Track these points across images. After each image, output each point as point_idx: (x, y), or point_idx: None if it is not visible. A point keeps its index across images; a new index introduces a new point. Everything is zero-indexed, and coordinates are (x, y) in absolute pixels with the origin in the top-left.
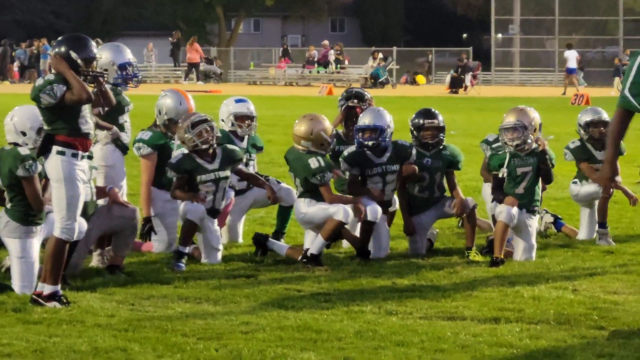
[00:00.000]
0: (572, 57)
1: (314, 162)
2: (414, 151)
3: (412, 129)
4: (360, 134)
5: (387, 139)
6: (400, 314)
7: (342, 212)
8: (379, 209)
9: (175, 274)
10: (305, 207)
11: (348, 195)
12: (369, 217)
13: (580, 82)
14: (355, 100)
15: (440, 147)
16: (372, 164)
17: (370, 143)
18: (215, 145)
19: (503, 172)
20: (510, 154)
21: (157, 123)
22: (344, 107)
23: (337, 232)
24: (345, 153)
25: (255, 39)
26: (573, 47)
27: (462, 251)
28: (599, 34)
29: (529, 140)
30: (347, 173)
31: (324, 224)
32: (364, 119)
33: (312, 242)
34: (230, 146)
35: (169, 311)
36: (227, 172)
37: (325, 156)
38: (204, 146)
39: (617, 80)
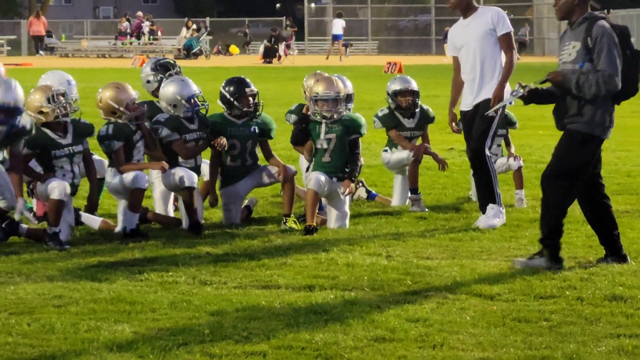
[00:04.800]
0: (338, 25)
1: (102, 130)
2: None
3: (230, 98)
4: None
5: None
6: (215, 284)
7: (139, 179)
8: (195, 174)
9: None
10: (110, 177)
11: (143, 163)
12: (187, 183)
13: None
14: (169, 71)
15: (253, 116)
16: (187, 130)
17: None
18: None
19: (321, 144)
20: (316, 122)
21: None
22: (161, 79)
23: (141, 201)
24: (162, 118)
25: (66, 11)
26: (343, 16)
27: (277, 220)
28: (411, 3)
29: (341, 110)
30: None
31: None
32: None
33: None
34: (82, 120)
35: None
36: (81, 147)
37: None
38: (65, 119)
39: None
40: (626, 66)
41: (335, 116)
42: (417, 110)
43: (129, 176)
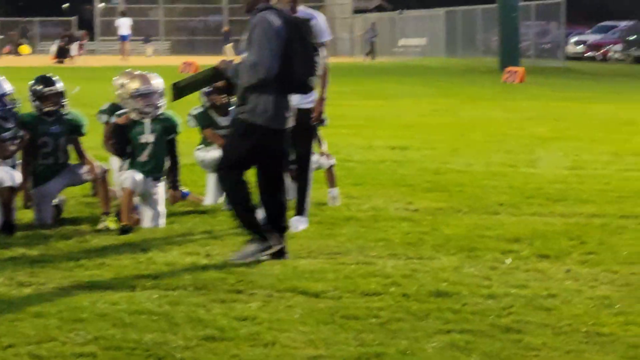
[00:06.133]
0: (124, 25)
1: None
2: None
3: (34, 97)
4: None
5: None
6: (34, 285)
7: None
8: (17, 173)
9: None
10: None
11: None
12: (9, 182)
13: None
14: None
15: (62, 113)
16: (2, 129)
17: None
18: None
19: (147, 138)
20: (138, 120)
21: None
22: None
23: None
24: None
25: None
26: (127, 15)
27: (90, 220)
28: (203, 3)
29: (160, 105)
30: None
31: None
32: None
33: None
34: None
35: None
36: None
37: None
38: None
39: (227, 47)
40: (299, 59)
41: (156, 111)
42: (232, 108)
43: None
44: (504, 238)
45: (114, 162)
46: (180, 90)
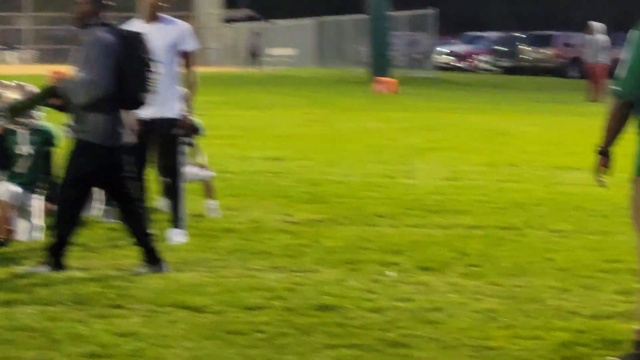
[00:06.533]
0: None
1: None
2: None
3: None
4: None
5: None
6: None
7: None
8: None
9: None
10: None
11: None
12: None
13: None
14: None
15: None
16: None
17: None
18: None
19: (24, 150)
20: (9, 131)
21: None
22: None
23: None
24: None
25: None
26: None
27: None
28: (70, 11)
29: (37, 115)
30: None
31: None
32: None
33: None
34: None
35: None
36: None
37: None
38: None
39: None
40: (131, 76)
41: (33, 122)
42: None
43: None
44: (385, 250)
45: None
46: (14, 108)
